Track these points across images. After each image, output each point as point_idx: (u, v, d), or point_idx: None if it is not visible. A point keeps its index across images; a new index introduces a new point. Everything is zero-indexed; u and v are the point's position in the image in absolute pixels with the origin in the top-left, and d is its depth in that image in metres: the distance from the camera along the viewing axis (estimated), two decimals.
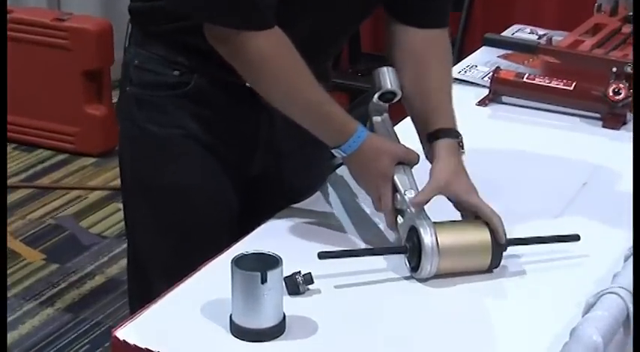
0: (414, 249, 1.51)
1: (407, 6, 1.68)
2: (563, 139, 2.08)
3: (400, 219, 1.56)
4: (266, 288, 1.32)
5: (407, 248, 1.52)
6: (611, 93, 2.10)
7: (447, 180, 1.57)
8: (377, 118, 1.64)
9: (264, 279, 1.31)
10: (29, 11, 4.10)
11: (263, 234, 1.63)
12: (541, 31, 2.63)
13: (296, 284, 1.44)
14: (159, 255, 1.73)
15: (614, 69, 2.12)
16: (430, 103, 1.65)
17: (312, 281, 1.45)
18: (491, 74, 2.26)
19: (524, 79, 2.21)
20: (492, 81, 2.24)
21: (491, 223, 1.52)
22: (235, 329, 1.35)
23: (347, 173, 1.66)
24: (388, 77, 1.63)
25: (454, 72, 2.14)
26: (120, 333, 1.35)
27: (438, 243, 1.48)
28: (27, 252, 3.31)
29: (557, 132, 2.11)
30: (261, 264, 1.33)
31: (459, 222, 1.57)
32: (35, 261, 3.26)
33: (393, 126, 1.66)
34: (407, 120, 1.72)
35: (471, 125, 1.73)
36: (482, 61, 2.44)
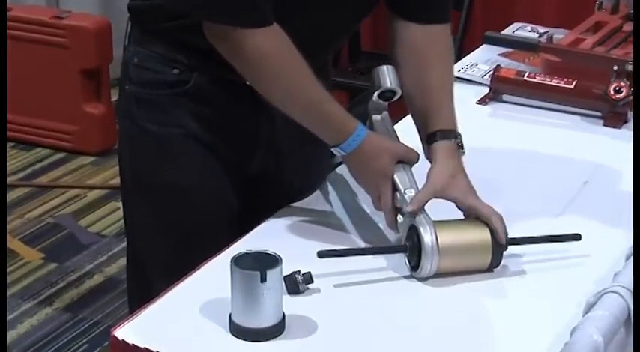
0: (414, 248, 1.50)
1: (408, 2, 1.68)
2: (564, 138, 2.07)
3: (400, 218, 1.56)
4: (265, 287, 1.31)
5: (407, 247, 1.52)
6: (611, 92, 2.09)
7: (442, 184, 1.56)
8: (377, 117, 1.64)
9: (264, 278, 1.31)
10: (28, 9, 4.10)
11: (262, 233, 1.62)
12: (542, 29, 2.62)
13: (295, 284, 1.44)
14: (158, 254, 1.73)
15: (615, 67, 2.11)
16: (430, 102, 1.65)
17: (311, 281, 1.45)
18: (491, 72, 2.25)
19: (524, 78, 2.20)
20: (493, 79, 2.23)
21: (491, 223, 1.52)
22: (235, 329, 1.35)
23: (347, 172, 1.66)
24: (388, 75, 1.63)
25: (454, 70, 2.13)
26: (119, 333, 1.35)
27: (438, 242, 1.48)
28: (25, 251, 3.31)
29: (557, 131, 2.10)
30: (261, 263, 1.33)
31: (459, 221, 1.57)
32: (34, 260, 3.26)
33: (393, 124, 1.65)
34: (407, 119, 1.72)
35: (471, 124, 1.72)
36: (482, 59, 2.44)
